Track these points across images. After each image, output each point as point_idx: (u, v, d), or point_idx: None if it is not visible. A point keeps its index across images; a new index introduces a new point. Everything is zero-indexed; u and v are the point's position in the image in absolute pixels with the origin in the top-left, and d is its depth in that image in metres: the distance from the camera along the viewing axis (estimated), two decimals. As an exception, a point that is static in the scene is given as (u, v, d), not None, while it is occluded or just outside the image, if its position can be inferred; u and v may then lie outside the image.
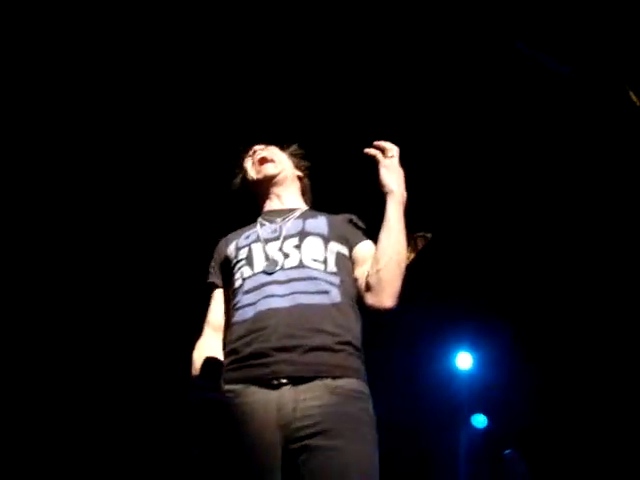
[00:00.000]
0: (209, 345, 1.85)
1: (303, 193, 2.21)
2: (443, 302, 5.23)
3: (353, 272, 1.86)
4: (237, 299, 1.80)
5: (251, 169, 2.14)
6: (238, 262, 1.88)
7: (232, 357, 1.70)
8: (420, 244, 4.74)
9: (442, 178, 4.46)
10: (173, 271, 4.58)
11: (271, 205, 2.11)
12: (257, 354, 1.63)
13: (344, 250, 1.88)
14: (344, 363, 1.64)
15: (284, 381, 1.58)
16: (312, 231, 1.89)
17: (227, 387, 1.63)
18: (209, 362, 1.60)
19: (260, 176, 2.10)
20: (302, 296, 1.71)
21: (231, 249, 1.95)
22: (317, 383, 1.58)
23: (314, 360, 1.61)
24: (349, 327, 1.73)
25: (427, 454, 5.01)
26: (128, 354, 4.82)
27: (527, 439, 5.30)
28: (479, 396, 5.30)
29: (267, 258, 1.82)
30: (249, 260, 1.85)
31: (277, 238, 1.89)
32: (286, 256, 1.81)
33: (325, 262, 1.81)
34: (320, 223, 1.94)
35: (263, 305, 1.71)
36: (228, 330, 1.81)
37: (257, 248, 1.88)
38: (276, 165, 2.11)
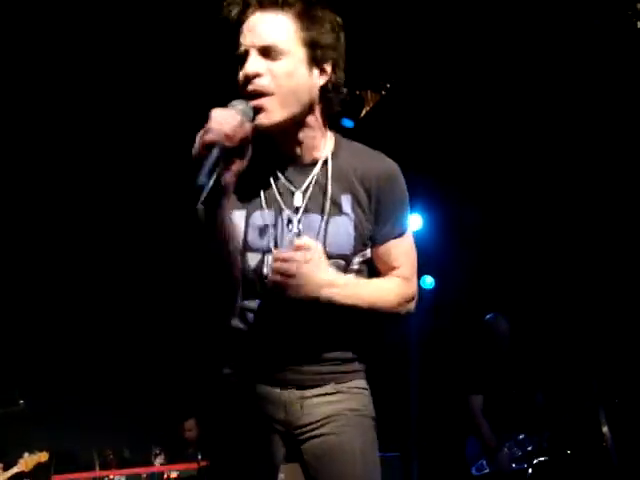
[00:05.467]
0: None
1: (326, 108, 1.62)
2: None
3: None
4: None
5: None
6: (246, 249, 1.60)
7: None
8: (376, 94, 4.41)
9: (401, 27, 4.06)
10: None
11: (284, 150, 1.62)
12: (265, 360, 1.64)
13: (367, 253, 1.68)
14: (351, 368, 1.68)
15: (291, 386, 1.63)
16: (333, 251, 1.59)
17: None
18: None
19: (258, 126, 1.49)
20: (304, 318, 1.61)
21: (241, 219, 1.60)
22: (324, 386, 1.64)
23: (322, 370, 1.64)
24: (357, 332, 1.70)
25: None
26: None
27: (474, 300, 5.35)
28: (427, 258, 5.23)
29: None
30: (256, 273, 1.60)
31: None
32: None
33: None
34: (345, 228, 1.61)
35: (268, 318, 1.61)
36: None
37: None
38: (273, 101, 1.49)
